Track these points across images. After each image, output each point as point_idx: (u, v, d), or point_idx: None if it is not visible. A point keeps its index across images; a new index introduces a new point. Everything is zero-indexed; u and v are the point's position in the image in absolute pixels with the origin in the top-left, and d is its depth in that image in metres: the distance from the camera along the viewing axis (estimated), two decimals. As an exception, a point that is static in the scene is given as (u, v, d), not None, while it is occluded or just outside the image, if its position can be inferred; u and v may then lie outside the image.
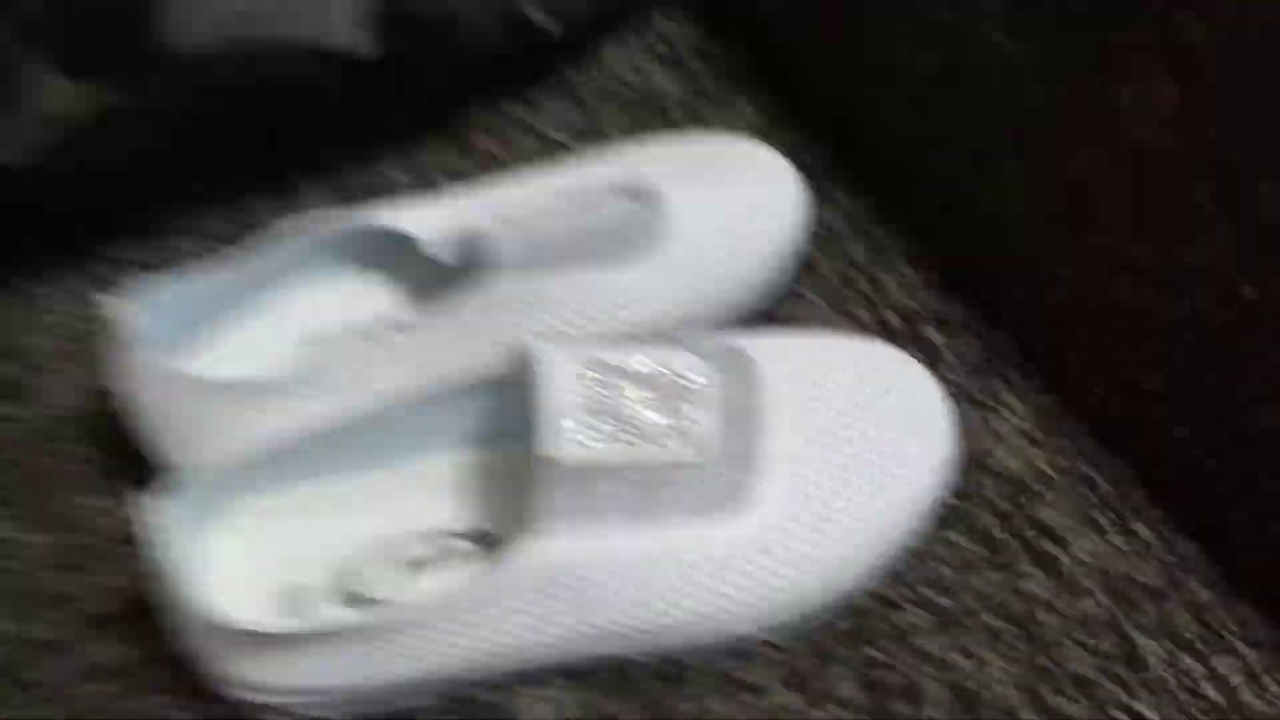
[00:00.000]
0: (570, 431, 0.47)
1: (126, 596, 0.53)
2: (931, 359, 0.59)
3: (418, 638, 0.47)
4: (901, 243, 0.65)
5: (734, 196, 0.59)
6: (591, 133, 0.68)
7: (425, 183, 0.66)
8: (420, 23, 0.59)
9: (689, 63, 0.72)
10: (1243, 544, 0.54)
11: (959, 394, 0.57)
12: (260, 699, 0.49)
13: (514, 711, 0.50)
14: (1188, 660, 0.51)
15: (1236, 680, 0.51)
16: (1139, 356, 0.56)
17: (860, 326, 0.61)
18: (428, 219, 0.56)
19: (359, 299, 0.58)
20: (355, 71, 0.59)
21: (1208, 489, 0.55)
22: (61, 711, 0.51)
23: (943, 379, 0.56)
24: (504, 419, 0.52)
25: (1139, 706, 0.50)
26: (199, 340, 0.56)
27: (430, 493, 0.53)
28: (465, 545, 0.52)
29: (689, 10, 0.74)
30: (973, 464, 0.56)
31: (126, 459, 0.56)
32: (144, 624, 0.52)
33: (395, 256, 0.58)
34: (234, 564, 0.48)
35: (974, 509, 0.55)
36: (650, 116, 0.69)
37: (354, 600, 0.50)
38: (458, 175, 0.66)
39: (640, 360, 0.49)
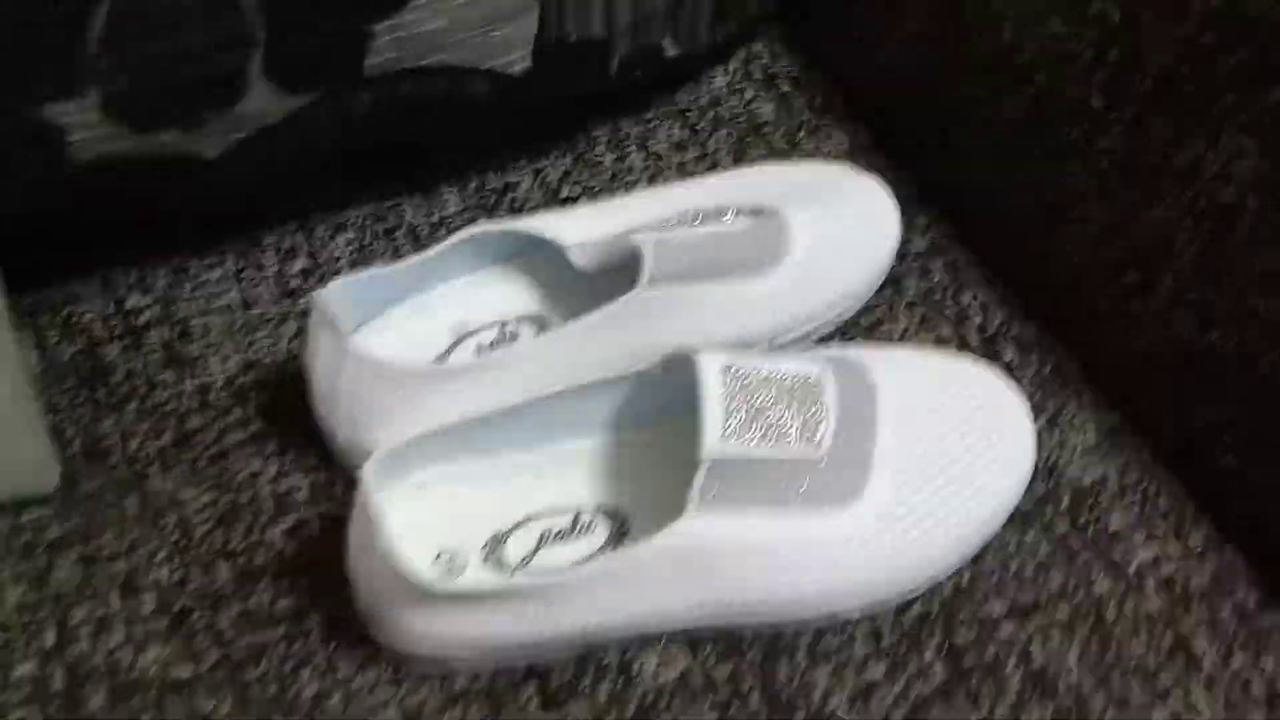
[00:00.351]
0: (723, 430, 0.52)
1: (282, 552, 0.57)
2: (1006, 374, 0.62)
3: (563, 602, 0.52)
4: (980, 265, 0.69)
5: (843, 216, 0.63)
6: (695, 149, 0.73)
7: (546, 188, 0.70)
8: (569, 47, 0.63)
9: (787, 89, 0.76)
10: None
11: (1034, 409, 0.61)
12: (416, 650, 0.53)
13: (637, 670, 0.54)
14: (1238, 658, 0.56)
15: (1282, 680, 0.56)
16: (1197, 389, 0.60)
17: (942, 341, 0.65)
18: (572, 228, 0.60)
19: (503, 299, 0.62)
20: (503, 87, 0.63)
21: (1253, 508, 0.59)
22: (217, 654, 0.54)
23: (1019, 394, 0.60)
24: (637, 410, 0.57)
25: (1195, 698, 0.55)
26: (368, 328, 0.60)
27: (569, 473, 0.57)
28: (598, 520, 0.57)
29: (789, 42, 0.79)
30: (1048, 473, 0.61)
31: (276, 425, 0.61)
32: (299, 578, 0.56)
33: (535, 261, 0.62)
34: (399, 529, 0.52)
35: (1050, 513, 0.60)
36: (750, 137, 0.74)
37: (500, 565, 0.55)
38: (575, 183, 0.71)
39: (776, 368, 0.55)
